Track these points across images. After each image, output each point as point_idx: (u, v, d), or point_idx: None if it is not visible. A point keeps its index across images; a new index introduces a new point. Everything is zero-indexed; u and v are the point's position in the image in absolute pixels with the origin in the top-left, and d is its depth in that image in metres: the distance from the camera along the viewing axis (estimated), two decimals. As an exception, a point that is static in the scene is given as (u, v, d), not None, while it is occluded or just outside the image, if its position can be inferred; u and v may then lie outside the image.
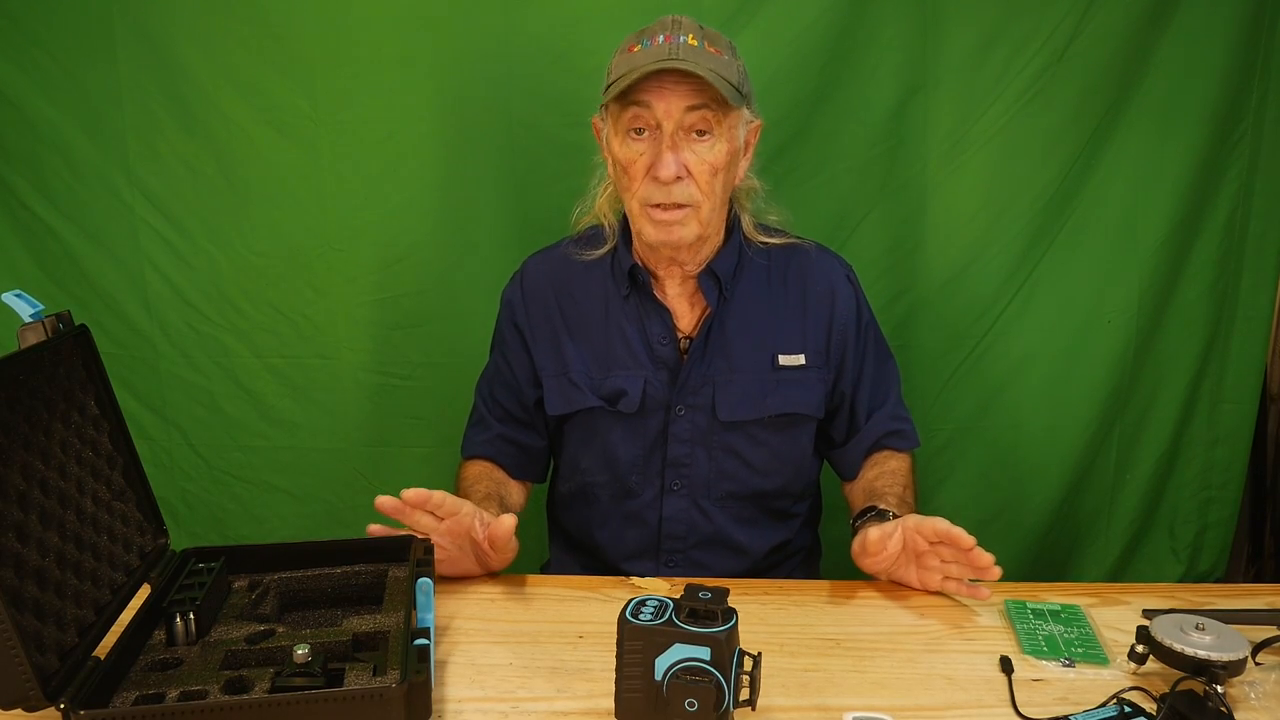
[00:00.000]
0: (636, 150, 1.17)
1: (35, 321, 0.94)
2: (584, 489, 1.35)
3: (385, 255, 1.67)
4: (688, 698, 0.83)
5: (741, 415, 1.27)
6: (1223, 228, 1.66)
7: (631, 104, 1.15)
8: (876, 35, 1.58)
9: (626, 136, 1.18)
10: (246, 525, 1.78)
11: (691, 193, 1.16)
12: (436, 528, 1.11)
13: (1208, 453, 1.76)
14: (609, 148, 1.22)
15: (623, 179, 1.21)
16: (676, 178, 1.15)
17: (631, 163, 1.18)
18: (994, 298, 1.68)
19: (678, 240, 1.19)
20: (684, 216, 1.18)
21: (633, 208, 1.21)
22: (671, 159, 1.14)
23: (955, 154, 1.63)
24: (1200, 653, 0.90)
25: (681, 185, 1.16)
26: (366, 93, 1.60)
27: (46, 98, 1.61)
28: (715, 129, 1.16)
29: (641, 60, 1.13)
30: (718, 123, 1.15)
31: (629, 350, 1.29)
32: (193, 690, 0.86)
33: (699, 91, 1.13)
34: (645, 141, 1.16)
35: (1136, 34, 1.57)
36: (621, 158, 1.19)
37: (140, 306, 1.69)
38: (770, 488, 1.32)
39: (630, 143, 1.17)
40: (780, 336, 1.29)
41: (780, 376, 1.28)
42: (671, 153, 1.14)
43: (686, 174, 1.15)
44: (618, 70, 1.16)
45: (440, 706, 0.93)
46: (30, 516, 0.88)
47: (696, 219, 1.18)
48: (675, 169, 1.14)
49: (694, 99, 1.13)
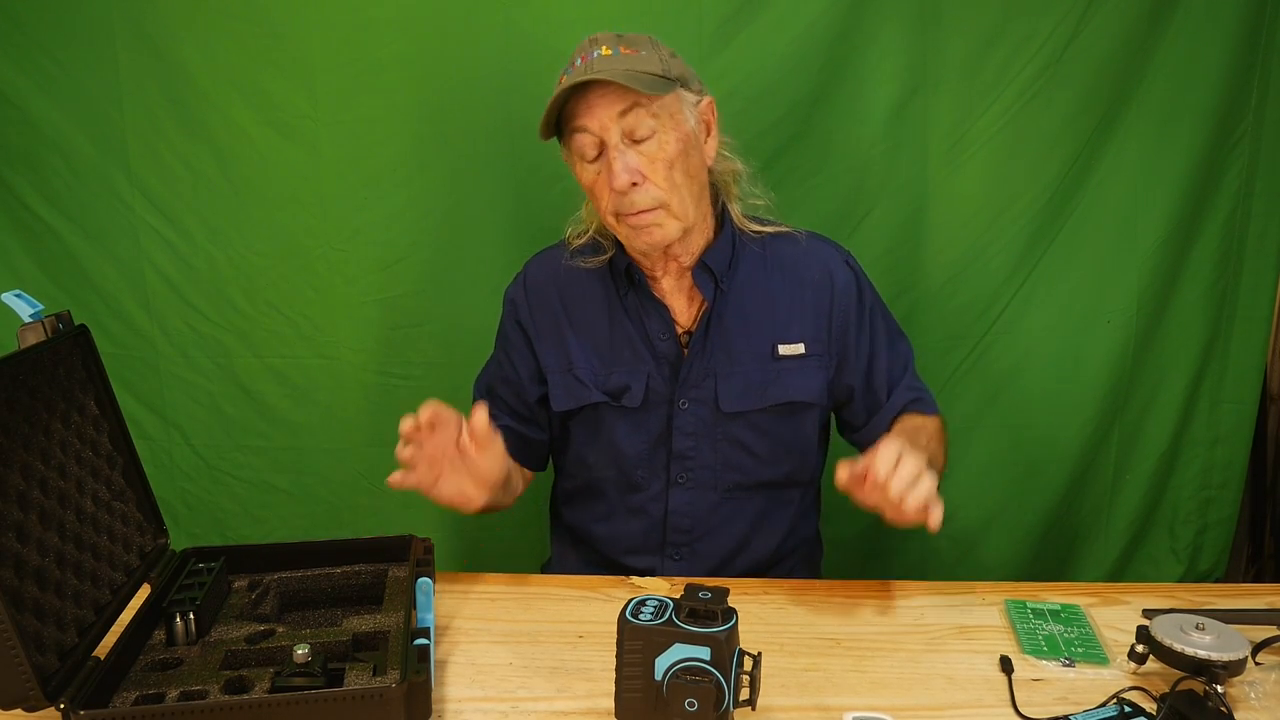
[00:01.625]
0: (594, 171, 1.20)
1: (35, 321, 0.94)
2: (590, 485, 1.36)
3: (385, 255, 1.67)
4: (688, 698, 0.83)
5: (743, 406, 1.28)
6: (1222, 228, 1.66)
7: (572, 132, 1.18)
8: (876, 36, 1.58)
9: (581, 163, 1.21)
10: (246, 525, 1.78)
11: (654, 194, 1.18)
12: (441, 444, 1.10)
13: (1208, 452, 1.76)
14: (577, 178, 1.24)
15: (595, 203, 1.24)
16: (632, 184, 1.16)
17: (593, 184, 1.21)
18: (994, 297, 1.68)
19: (660, 241, 1.21)
20: (657, 217, 1.19)
21: (610, 223, 1.23)
22: (620, 169, 1.16)
23: (955, 154, 1.63)
24: (1200, 653, 0.90)
25: (640, 190, 1.17)
26: (366, 93, 1.60)
27: (47, 98, 1.60)
28: (656, 123, 1.16)
29: (559, 92, 1.16)
30: (655, 116, 1.16)
31: (630, 347, 1.30)
32: (193, 690, 0.86)
33: (624, 94, 1.15)
34: (598, 162, 1.19)
35: (1136, 34, 1.57)
36: (584, 183, 1.22)
37: (140, 306, 1.69)
38: (776, 477, 1.33)
39: (586, 167, 1.20)
40: (779, 326, 1.29)
41: (781, 366, 1.29)
42: (620, 163, 1.16)
43: (642, 178, 1.17)
44: (549, 106, 1.18)
45: (440, 706, 0.93)
46: (30, 516, 0.88)
47: (670, 215, 1.20)
48: (627, 176, 1.16)
49: (621, 103, 1.15)
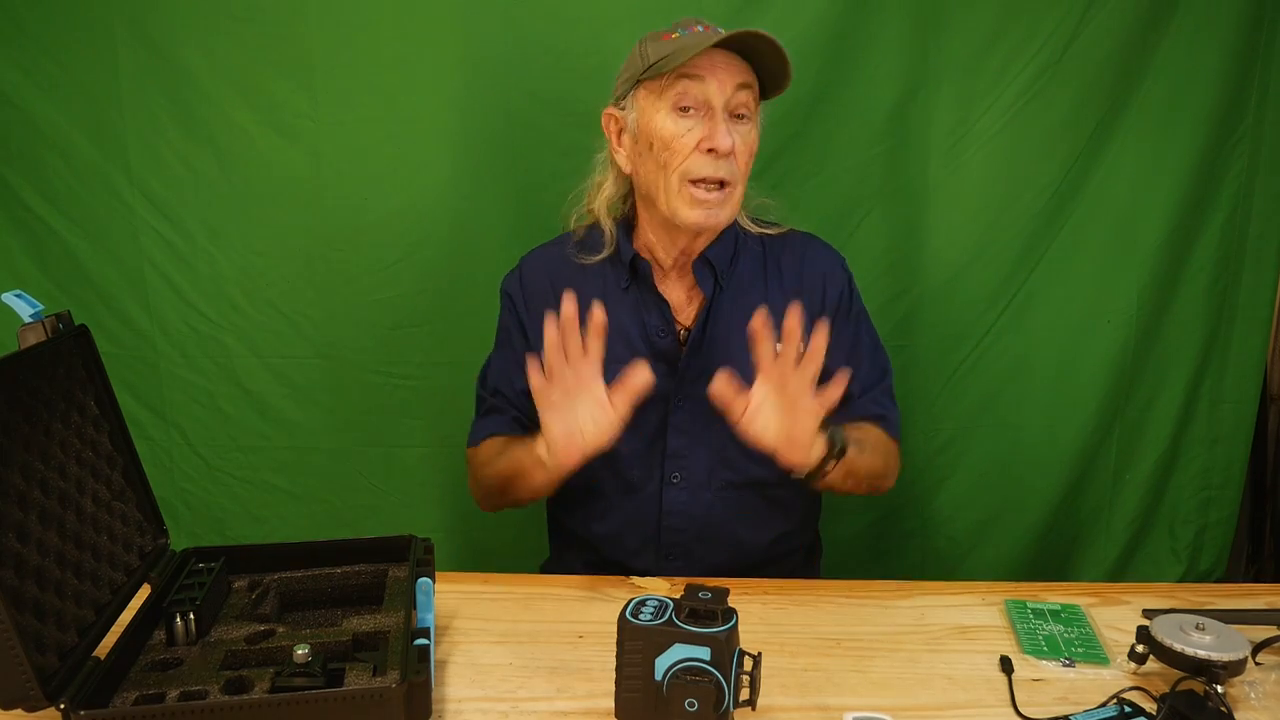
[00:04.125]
0: (684, 125, 1.18)
1: (35, 321, 0.94)
2: (585, 484, 1.35)
3: (385, 255, 1.67)
4: (688, 698, 0.83)
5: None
6: (1222, 228, 1.66)
7: (682, 78, 1.17)
8: (876, 35, 1.58)
9: (670, 111, 1.18)
10: (246, 525, 1.78)
11: (734, 170, 1.19)
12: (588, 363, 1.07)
13: (1208, 452, 1.76)
14: (647, 125, 1.21)
15: (663, 155, 1.20)
16: (729, 151, 1.17)
17: (677, 137, 1.18)
18: (994, 297, 1.68)
19: (716, 224, 1.21)
20: (724, 197, 1.20)
21: (671, 184, 1.20)
22: (726, 130, 1.16)
23: (955, 154, 1.63)
24: (1200, 653, 0.90)
25: (728, 162, 1.18)
26: (366, 93, 1.60)
27: (47, 98, 1.60)
28: (752, 113, 1.20)
29: (692, 43, 1.15)
30: (756, 106, 1.20)
31: (628, 344, 1.29)
32: (193, 690, 0.86)
33: (746, 71, 1.17)
34: (693, 117, 1.18)
35: (1136, 34, 1.57)
36: (665, 133, 1.19)
37: (140, 306, 1.69)
38: (769, 476, 1.32)
39: (677, 117, 1.18)
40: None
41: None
42: (726, 125, 1.17)
43: (732, 152, 1.18)
44: (666, 50, 1.17)
45: (440, 706, 0.93)
46: (30, 516, 0.88)
47: (732, 201, 1.21)
48: (730, 141, 1.16)
49: (743, 77, 1.17)
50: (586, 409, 1.09)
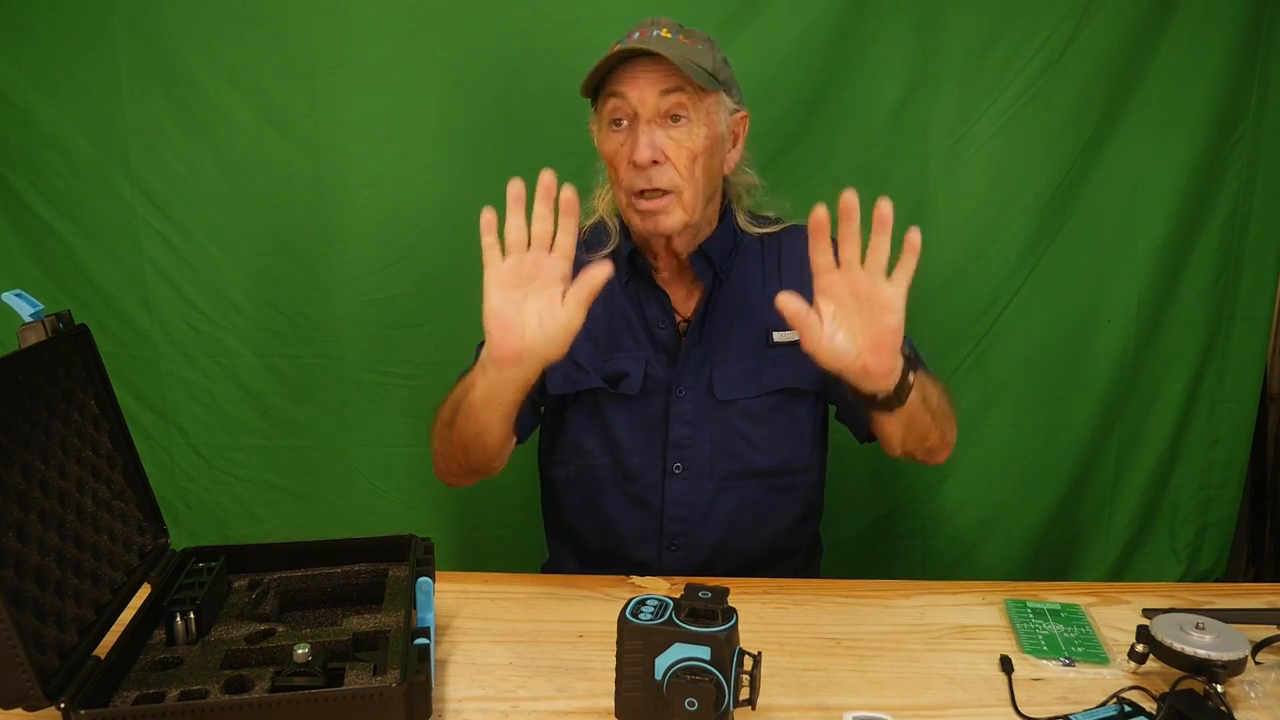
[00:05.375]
0: (617, 141, 1.20)
1: (35, 321, 0.94)
2: (585, 473, 1.35)
3: (385, 255, 1.67)
4: (688, 697, 0.83)
5: (739, 394, 1.28)
6: (1222, 228, 1.66)
7: (609, 95, 1.19)
8: (876, 35, 1.58)
9: (608, 129, 1.21)
10: (246, 525, 1.78)
11: (671, 178, 1.18)
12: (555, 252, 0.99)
13: (1208, 452, 1.76)
14: (598, 143, 1.25)
15: (611, 174, 1.24)
16: (653, 161, 1.17)
17: (614, 154, 1.21)
18: (994, 297, 1.68)
19: (663, 230, 1.21)
20: (667, 204, 1.19)
21: (621, 200, 1.24)
22: (646, 142, 1.16)
23: (955, 154, 1.63)
24: (1200, 652, 0.90)
25: (660, 170, 1.18)
26: (366, 93, 1.60)
27: (47, 97, 1.60)
28: (692, 113, 1.18)
29: (603, 61, 1.17)
30: (693, 106, 1.18)
31: (630, 334, 1.30)
32: (193, 690, 0.86)
33: (671, 76, 1.16)
34: (624, 132, 1.20)
35: (1136, 34, 1.57)
36: (605, 150, 1.23)
37: (140, 306, 1.69)
38: (771, 465, 1.32)
39: (611, 134, 1.21)
40: (774, 314, 1.29)
41: (775, 353, 1.29)
42: (647, 136, 1.17)
43: (664, 158, 1.18)
44: (596, 66, 1.19)
45: (440, 706, 0.93)
46: (30, 516, 0.88)
47: (680, 205, 1.20)
48: (650, 152, 1.16)
49: (666, 83, 1.16)
50: (535, 303, 1.00)
